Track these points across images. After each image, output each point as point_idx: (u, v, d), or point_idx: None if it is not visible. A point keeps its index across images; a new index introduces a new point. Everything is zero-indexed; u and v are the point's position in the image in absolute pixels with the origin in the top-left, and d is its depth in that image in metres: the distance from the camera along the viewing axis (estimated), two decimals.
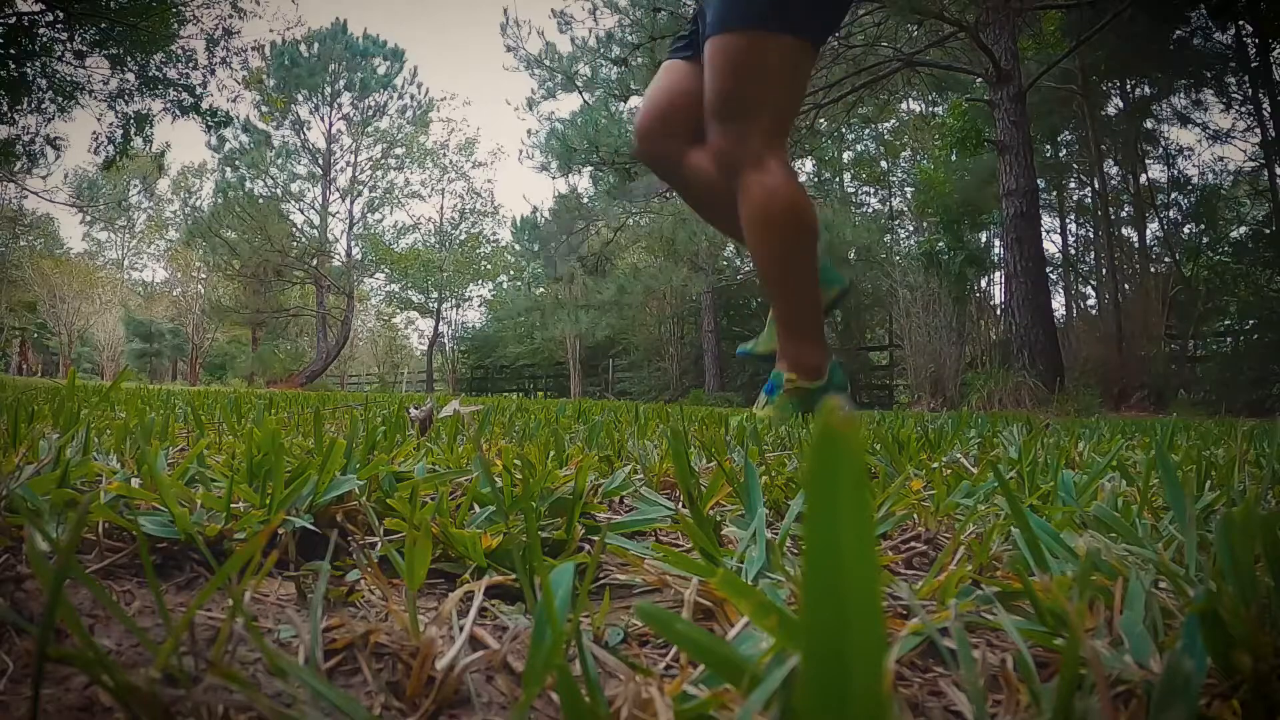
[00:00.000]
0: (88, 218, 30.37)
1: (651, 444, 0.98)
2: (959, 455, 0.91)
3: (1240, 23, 11.18)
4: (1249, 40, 11.39)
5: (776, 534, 0.47)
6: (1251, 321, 9.40)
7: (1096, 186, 14.17)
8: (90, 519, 0.45)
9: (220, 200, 21.62)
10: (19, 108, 10.99)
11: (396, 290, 24.94)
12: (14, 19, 10.03)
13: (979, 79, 9.32)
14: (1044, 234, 9.70)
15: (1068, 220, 17.40)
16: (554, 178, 17.04)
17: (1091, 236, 16.72)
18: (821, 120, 11.54)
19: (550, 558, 0.46)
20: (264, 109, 21.48)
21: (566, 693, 0.22)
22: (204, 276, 26.63)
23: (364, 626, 0.33)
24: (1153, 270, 12.89)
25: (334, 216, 23.15)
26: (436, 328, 24.76)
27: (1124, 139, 13.79)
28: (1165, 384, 9.00)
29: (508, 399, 4.54)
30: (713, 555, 0.43)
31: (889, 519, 0.55)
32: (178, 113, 11.89)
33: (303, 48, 21.97)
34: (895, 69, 9.69)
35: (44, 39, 10.56)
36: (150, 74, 11.52)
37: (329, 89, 22.58)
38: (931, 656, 0.34)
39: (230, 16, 11.90)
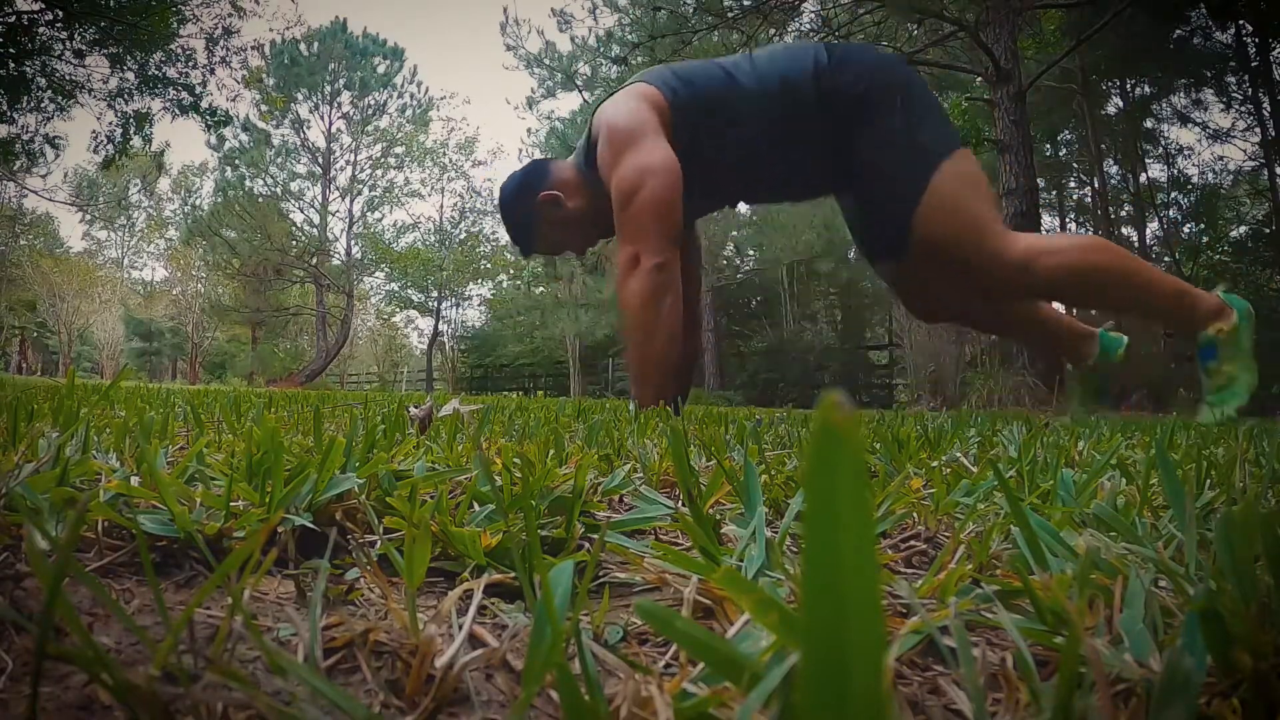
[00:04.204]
0: (87, 217, 30.41)
1: (651, 443, 0.98)
2: (959, 454, 0.91)
3: (1240, 22, 11.18)
4: (1249, 40, 11.39)
5: (776, 532, 0.47)
6: None
7: (1096, 186, 14.17)
8: (89, 517, 0.44)
9: (220, 199, 21.64)
10: (19, 106, 10.99)
11: (396, 289, 24.93)
12: (14, 18, 10.02)
13: (979, 78, 9.31)
14: (1044, 233, 9.69)
15: (1068, 220, 17.42)
16: None
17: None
18: None
19: (550, 556, 0.46)
20: (264, 108, 21.47)
21: (566, 691, 0.22)
22: (204, 275, 26.60)
23: (363, 625, 0.33)
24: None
25: (334, 215, 23.17)
26: (436, 327, 24.76)
27: (1124, 138, 13.80)
28: (1165, 384, 9.00)
29: (507, 398, 4.54)
30: (712, 554, 0.43)
31: (889, 517, 0.55)
32: (177, 112, 11.88)
33: (302, 47, 21.97)
34: None
35: (44, 38, 10.56)
36: (150, 73, 11.51)
37: (329, 88, 22.58)
38: (931, 655, 0.34)
39: (230, 15, 11.90)
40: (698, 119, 2.05)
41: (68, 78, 11.19)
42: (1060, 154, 15.78)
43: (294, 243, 22.16)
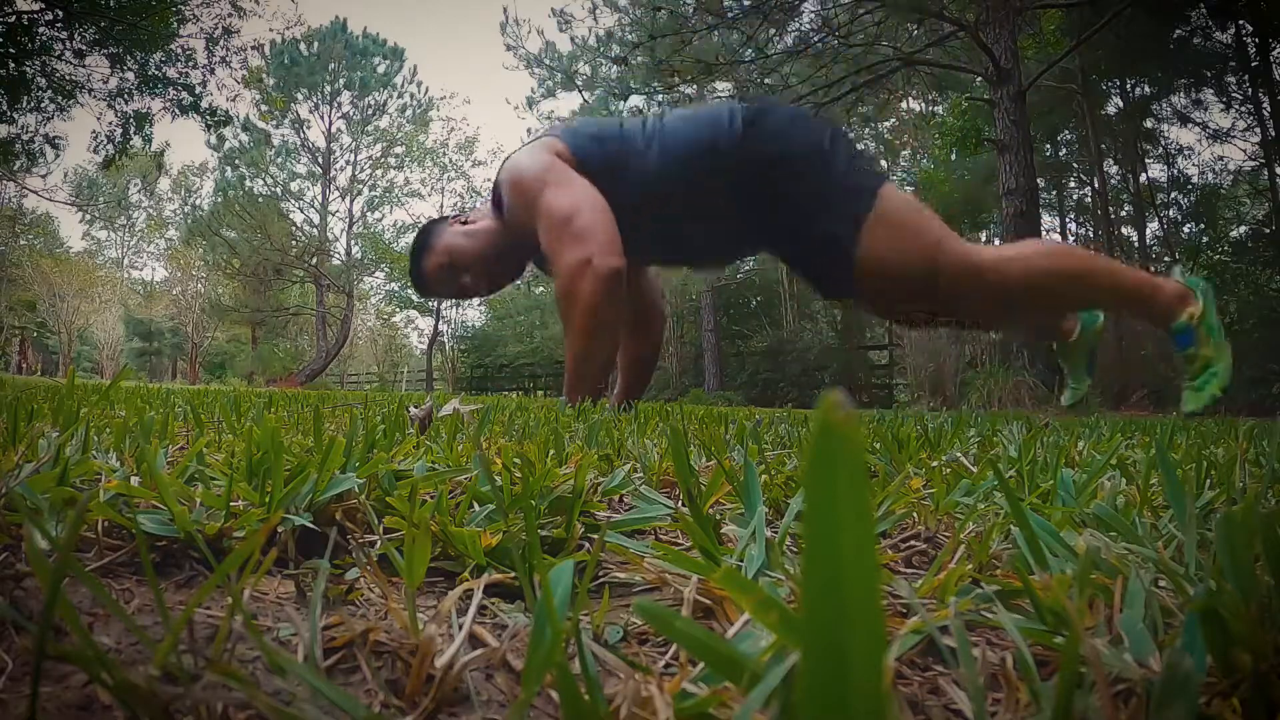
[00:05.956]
0: (87, 216, 30.44)
1: (651, 442, 0.98)
2: (959, 454, 0.91)
3: (1240, 22, 11.18)
4: (1249, 40, 11.39)
5: (776, 532, 0.47)
6: (1251, 321, 9.40)
7: (1096, 186, 14.16)
8: (89, 517, 0.44)
9: (220, 199, 21.65)
10: (19, 106, 10.99)
11: (396, 289, 24.92)
12: (14, 18, 10.02)
13: (979, 78, 9.31)
14: (1044, 234, 9.71)
15: (1068, 220, 17.41)
16: None
17: (1091, 236, 16.72)
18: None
19: (550, 556, 0.46)
20: (263, 108, 21.49)
21: (566, 691, 0.22)
22: (204, 275, 26.60)
23: (363, 624, 0.33)
24: (1153, 270, 12.88)
25: (334, 215, 23.18)
26: (436, 326, 24.73)
27: (1124, 138, 13.79)
28: (1165, 384, 9.00)
29: (507, 398, 4.54)
30: (712, 553, 0.43)
31: (889, 517, 0.55)
32: (177, 112, 11.89)
33: (302, 46, 21.96)
34: (895, 68, 9.68)
35: (44, 38, 10.56)
36: (150, 73, 11.52)
37: (329, 88, 22.57)
38: (931, 655, 0.34)
39: (230, 15, 11.90)
40: (607, 181, 2.06)
41: (68, 78, 11.20)
42: (1060, 154, 15.77)
43: (294, 243, 22.16)
